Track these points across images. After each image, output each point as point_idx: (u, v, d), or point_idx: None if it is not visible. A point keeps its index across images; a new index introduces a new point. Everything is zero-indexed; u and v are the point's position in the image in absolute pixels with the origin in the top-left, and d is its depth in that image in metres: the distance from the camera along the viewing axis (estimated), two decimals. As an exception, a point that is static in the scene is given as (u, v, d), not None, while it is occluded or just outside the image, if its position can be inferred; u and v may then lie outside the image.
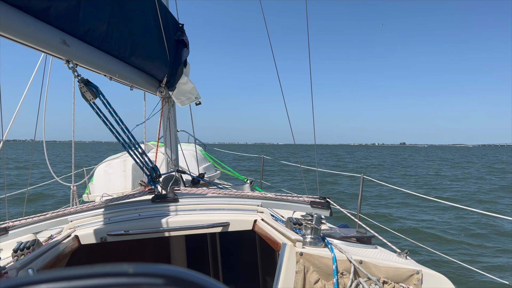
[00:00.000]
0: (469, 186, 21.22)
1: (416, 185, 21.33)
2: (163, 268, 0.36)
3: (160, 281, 0.35)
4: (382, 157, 66.49)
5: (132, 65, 2.74)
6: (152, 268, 0.36)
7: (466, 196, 16.69)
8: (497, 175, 28.93)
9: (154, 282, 0.35)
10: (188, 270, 0.38)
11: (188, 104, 3.98)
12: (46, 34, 1.73)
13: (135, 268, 0.36)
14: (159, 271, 0.36)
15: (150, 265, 0.36)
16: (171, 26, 3.38)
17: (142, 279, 0.35)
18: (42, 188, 10.63)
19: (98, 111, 2.21)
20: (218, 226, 2.39)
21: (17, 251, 2.02)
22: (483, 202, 14.90)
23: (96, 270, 0.35)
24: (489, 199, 15.70)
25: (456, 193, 17.50)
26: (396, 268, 1.83)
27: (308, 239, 1.96)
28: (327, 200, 2.59)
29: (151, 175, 2.67)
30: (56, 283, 0.34)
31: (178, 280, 0.36)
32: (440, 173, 31.25)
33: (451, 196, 16.31)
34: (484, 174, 30.32)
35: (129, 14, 2.48)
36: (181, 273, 0.36)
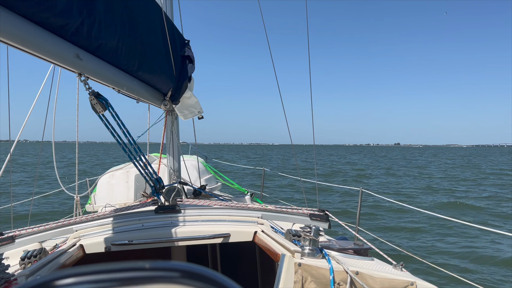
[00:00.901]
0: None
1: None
2: (179, 264, 0.43)
3: (176, 274, 0.41)
4: (394, 160, 61.92)
5: (139, 79, 2.83)
6: (168, 264, 0.42)
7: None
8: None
9: (171, 275, 0.40)
10: (200, 266, 0.44)
11: (191, 118, 4.07)
12: (62, 48, 1.82)
13: (151, 264, 0.41)
14: (175, 266, 0.41)
15: (167, 262, 0.43)
16: (177, 42, 3.49)
17: (159, 273, 0.40)
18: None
19: (107, 123, 2.29)
20: (219, 237, 2.45)
21: (25, 259, 2.09)
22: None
23: (122, 265, 0.40)
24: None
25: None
26: (391, 280, 1.89)
27: (306, 250, 2.02)
28: (326, 213, 2.65)
29: (154, 186, 2.74)
30: (84, 277, 0.38)
31: (192, 274, 0.42)
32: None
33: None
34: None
35: (138, 30, 2.58)
36: (194, 268, 0.42)
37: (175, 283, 0.41)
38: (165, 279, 0.41)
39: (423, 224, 12.11)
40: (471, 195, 18.64)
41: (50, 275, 0.39)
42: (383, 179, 27.16)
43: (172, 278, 0.41)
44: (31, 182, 19.91)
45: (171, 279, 0.41)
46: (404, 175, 30.92)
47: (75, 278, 0.39)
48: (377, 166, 42.69)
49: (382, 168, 40.21)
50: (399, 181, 25.96)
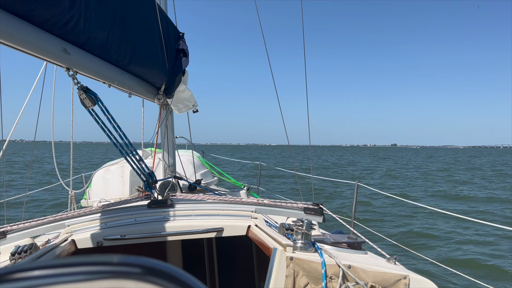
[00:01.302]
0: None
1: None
2: (142, 259, 0.41)
3: (137, 270, 0.40)
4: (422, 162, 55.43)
5: (131, 73, 2.80)
6: (131, 259, 0.41)
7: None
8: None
9: (132, 271, 0.39)
10: (164, 263, 0.42)
11: (186, 111, 4.05)
12: (48, 42, 1.79)
13: (118, 258, 0.40)
14: (137, 261, 0.40)
15: (131, 257, 0.41)
16: (171, 35, 3.45)
17: (122, 268, 0.39)
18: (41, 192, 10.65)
19: (96, 118, 2.27)
20: (212, 232, 2.43)
21: (15, 255, 2.07)
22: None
23: (76, 260, 0.39)
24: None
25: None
26: (383, 273, 1.88)
27: (298, 244, 2.01)
28: (320, 207, 2.64)
29: (147, 181, 2.72)
30: (39, 271, 0.37)
31: (154, 271, 0.40)
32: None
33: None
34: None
35: (130, 23, 2.54)
36: (157, 264, 0.41)
37: (136, 279, 0.39)
38: (125, 274, 0.39)
39: (419, 218, 12.16)
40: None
41: (9, 268, 0.37)
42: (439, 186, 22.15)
43: (132, 274, 0.39)
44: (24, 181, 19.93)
45: (131, 275, 0.39)
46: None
47: (33, 271, 0.37)
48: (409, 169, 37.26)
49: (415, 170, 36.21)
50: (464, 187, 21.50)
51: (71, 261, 0.39)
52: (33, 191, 7.74)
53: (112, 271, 0.39)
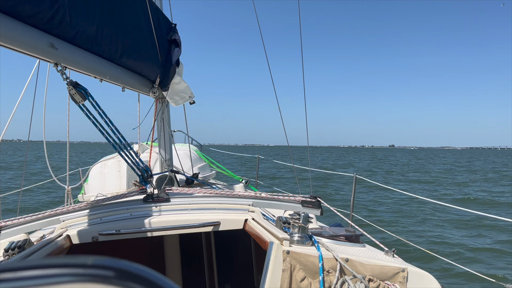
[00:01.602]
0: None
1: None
2: (117, 262, 0.38)
3: (110, 273, 0.37)
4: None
5: (124, 66, 2.75)
6: (106, 261, 0.38)
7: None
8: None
9: (104, 274, 0.37)
10: (140, 266, 0.39)
11: (182, 103, 4.00)
12: (34, 38, 1.74)
13: (93, 260, 0.37)
14: (107, 263, 0.38)
15: (108, 259, 0.38)
16: (163, 26, 3.39)
17: (92, 270, 0.37)
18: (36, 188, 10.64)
19: (87, 113, 2.23)
20: (208, 226, 2.41)
21: (8, 251, 2.04)
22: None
23: (45, 261, 0.36)
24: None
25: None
26: (381, 266, 1.85)
27: (295, 237, 1.98)
28: (318, 200, 2.61)
29: (142, 175, 2.69)
30: (14, 273, 0.35)
31: (128, 274, 0.37)
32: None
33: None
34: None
35: (119, 15, 2.49)
36: (131, 267, 0.38)
37: (108, 283, 0.37)
38: (97, 277, 0.36)
39: (418, 211, 12.18)
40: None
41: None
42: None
43: (105, 277, 0.37)
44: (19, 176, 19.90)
45: (105, 278, 0.37)
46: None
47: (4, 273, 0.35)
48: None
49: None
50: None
51: (38, 263, 0.37)
52: (28, 187, 7.72)
53: (82, 274, 0.36)
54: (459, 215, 11.08)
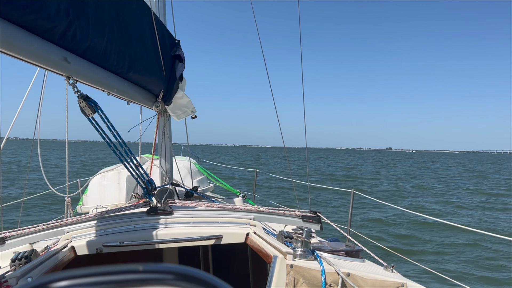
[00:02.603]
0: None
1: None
2: (173, 266, 0.43)
3: (170, 276, 0.41)
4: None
5: (130, 81, 2.81)
6: (162, 266, 0.42)
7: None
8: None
9: (164, 277, 0.41)
10: (194, 268, 0.44)
11: (184, 118, 4.06)
12: (49, 52, 1.80)
13: (148, 266, 0.42)
14: (168, 269, 0.42)
15: (160, 264, 0.43)
16: (167, 42, 3.47)
17: (153, 275, 0.40)
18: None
19: (96, 126, 2.28)
20: (211, 239, 2.44)
21: (15, 261, 2.06)
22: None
23: (115, 268, 0.40)
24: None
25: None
26: (382, 281, 1.90)
27: (298, 252, 2.03)
28: (318, 215, 2.66)
29: (146, 187, 2.73)
30: (77, 280, 0.38)
31: (186, 277, 0.42)
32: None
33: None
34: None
35: (127, 31, 2.56)
36: (188, 270, 0.43)
37: (168, 285, 0.41)
38: (159, 281, 0.41)
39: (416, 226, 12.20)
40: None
41: (44, 278, 0.39)
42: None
43: (166, 280, 0.41)
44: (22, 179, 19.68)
45: (165, 281, 0.41)
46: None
47: (69, 281, 0.38)
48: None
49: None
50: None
51: (99, 270, 0.40)
52: (29, 197, 7.69)
53: (146, 279, 0.40)
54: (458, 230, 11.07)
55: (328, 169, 41.63)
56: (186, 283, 0.42)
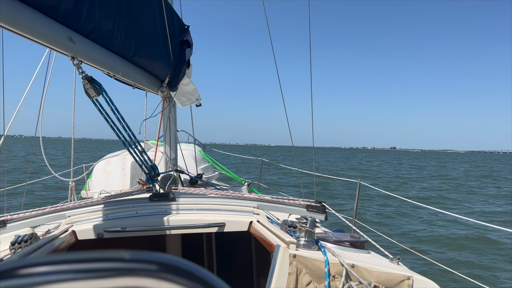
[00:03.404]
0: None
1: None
2: (158, 255, 0.39)
3: (153, 267, 0.37)
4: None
5: (136, 64, 2.77)
6: (147, 255, 0.38)
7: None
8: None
9: (148, 268, 0.37)
10: (182, 259, 0.40)
11: (189, 105, 4.02)
12: (53, 30, 1.77)
13: (130, 254, 0.38)
14: (153, 258, 0.38)
15: (145, 252, 0.38)
16: (176, 27, 3.42)
17: (137, 265, 0.37)
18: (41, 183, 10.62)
19: (100, 108, 2.24)
20: (214, 226, 2.41)
21: (15, 244, 2.05)
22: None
23: (92, 255, 0.36)
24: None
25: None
26: (387, 273, 1.86)
27: (301, 241, 1.99)
28: (323, 204, 2.62)
29: (149, 173, 2.70)
30: (50, 266, 0.35)
31: (172, 268, 0.38)
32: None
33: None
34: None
35: (135, 13, 2.52)
36: (175, 261, 0.39)
37: (153, 277, 0.37)
38: (142, 272, 0.36)
39: (423, 219, 12.14)
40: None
41: (13, 262, 0.35)
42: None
43: (150, 271, 0.37)
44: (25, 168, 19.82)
45: (149, 272, 0.37)
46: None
47: (42, 267, 0.35)
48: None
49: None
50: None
51: (80, 257, 0.37)
52: (32, 181, 7.72)
53: (127, 268, 0.36)
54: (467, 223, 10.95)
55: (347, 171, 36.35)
56: (172, 276, 0.37)
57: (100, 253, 0.37)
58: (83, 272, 0.35)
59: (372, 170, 38.58)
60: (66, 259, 0.36)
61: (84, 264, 0.36)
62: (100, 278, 0.35)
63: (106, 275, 0.35)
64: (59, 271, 0.35)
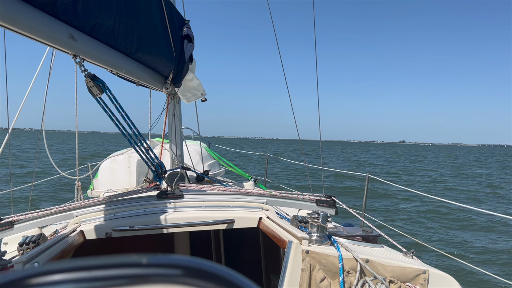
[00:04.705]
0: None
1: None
2: (180, 258, 0.34)
3: (177, 272, 0.33)
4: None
5: (139, 61, 2.73)
6: (168, 258, 0.34)
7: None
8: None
9: (171, 273, 0.33)
10: (206, 261, 0.36)
11: (194, 100, 3.97)
12: (54, 28, 1.72)
13: (149, 259, 0.34)
14: (176, 261, 0.34)
15: (166, 256, 0.34)
16: (176, 22, 3.37)
17: (157, 270, 0.33)
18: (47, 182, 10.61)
19: (104, 106, 2.20)
20: (223, 223, 2.38)
21: (23, 245, 2.03)
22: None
23: (108, 261, 0.34)
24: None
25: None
26: (402, 268, 1.82)
27: (314, 237, 1.95)
28: (333, 199, 2.58)
29: (156, 171, 2.67)
30: (65, 274, 0.32)
31: (198, 271, 0.34)
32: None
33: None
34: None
35: (136, 10, 2.47)
36: (200, 264, 0.35)
37: (176, 283, 0.33)
38: (164, 277, 0.33)
39: (433, 211, 12.02)
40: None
41: (26, 271, 0.33)
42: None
43: (173, 276, 0.33)
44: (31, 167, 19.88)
45: (172, 277, 0.33)
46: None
47: (54, 275, 0.32)
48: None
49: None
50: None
51: (92, 263, 0.33)
52: (38, 181, 7.72)
53: (146, 274, 0.33)
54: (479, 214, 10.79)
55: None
56: (198, 281, 0.33)
57: (116, 259, 0.34)
58: (99, 280, 0.32)
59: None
60: (81, 266, 0.33)
61: (99, 271, 0.33)
62: (117, 287, 0.33)
63: (123, 282, 0.33)
64: (73, 280, 0.32)
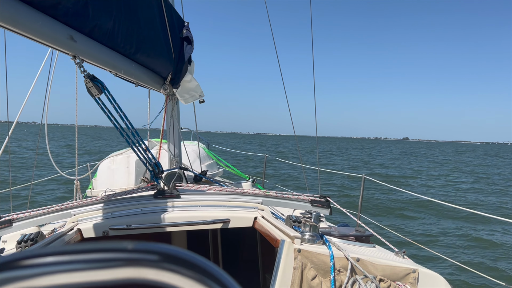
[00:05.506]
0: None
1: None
2: (160, 246, 0.39)
3: (155, 257, 0.37)
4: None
5: (138, 62, 2.77)
6: (149, 245, 0.38)
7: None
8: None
9: (150, 258, 0.37)
10: (183, 249, 0.40)
11: (192, 102, 4.02)
12: (54, 29, 1.76)
13: (133, 245, 0.38)
14: (155, 248, 0.38)
15: (147, 243, 0.38)
16: (176, 24, 3.42)
17: (138, 255, 0.37)
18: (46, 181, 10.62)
19: (103, 107, 2.25)
20: (218, 223, 2.42)
21: (21, 243, 2.06)
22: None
23: (93, 246, 0.36)
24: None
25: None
26: (392, 267, 1.86)
27: (306, 236, 1.99)
28: (327, 199, 2.62)
29: (153, 171, 2.71)
30: (56, 257, 0.35)
31: (173, 258, 0.38)
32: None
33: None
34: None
35: (135, 11, 2.51)
36: (176, 251, 0.39)
37: (155, 267, 0.37)
38: (143, 262, 0.36)
39: (426, 211, 12.08)
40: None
41: (16, 254, 0.35)
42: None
43: (151, 261, 0.37)
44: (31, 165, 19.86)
45: (150, 262, 0.37)
46: None
47: (41, 258, 0.35)
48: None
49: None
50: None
51: (82, 247, 0.37)
52: (37, 180, 7.75)
53: (128, 259, 0.36)
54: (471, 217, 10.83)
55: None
56: (173, 266, 0.37)
57: (101, 244, 0.37)
58: (84, 263, 0.35)
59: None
60: (68, 250, 0.36)
61: (85, 254, 0.36)
62: (101, 269, 0.35)
63: (107, 265, 0.35)
64: (59, 262, 0.35)
